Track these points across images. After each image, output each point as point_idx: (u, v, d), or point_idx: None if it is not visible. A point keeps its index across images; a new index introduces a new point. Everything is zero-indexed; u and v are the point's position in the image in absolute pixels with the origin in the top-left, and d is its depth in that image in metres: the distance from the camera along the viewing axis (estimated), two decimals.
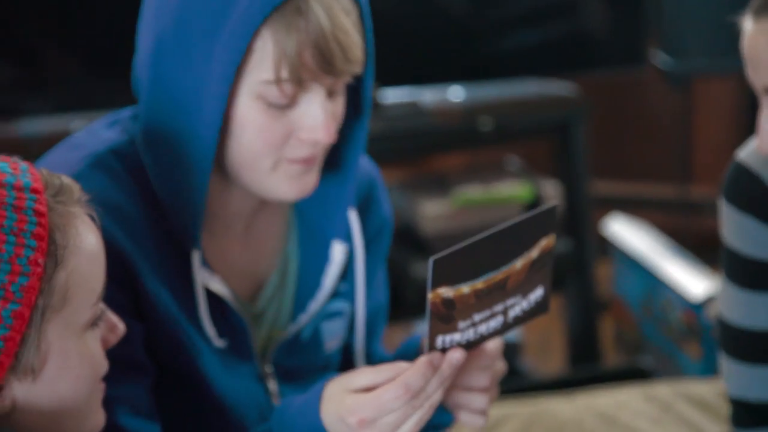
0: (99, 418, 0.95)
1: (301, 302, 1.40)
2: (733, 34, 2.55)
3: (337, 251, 1.38)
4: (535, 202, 2.62)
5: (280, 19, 1.16)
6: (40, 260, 0.83)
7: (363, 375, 1.20)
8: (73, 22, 2.68)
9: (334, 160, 1.34)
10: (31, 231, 0.84)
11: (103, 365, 0.93)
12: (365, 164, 1.44)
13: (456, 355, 1.11)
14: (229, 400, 1.36)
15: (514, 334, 2.80)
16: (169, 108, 1.24)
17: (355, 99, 1.31)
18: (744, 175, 1.50)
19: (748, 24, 1.35)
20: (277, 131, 1.21)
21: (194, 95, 1.21)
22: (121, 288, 1.24)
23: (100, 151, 1.24)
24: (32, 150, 2.23)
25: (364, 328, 1.47)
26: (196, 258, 1.27)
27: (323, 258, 1.40)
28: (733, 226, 1.54)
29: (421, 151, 2.82)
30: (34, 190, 0.86)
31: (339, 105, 1.25)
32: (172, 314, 1.29)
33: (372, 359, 1.53)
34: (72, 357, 0.88)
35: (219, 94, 1.18)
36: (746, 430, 1.54)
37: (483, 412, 1.25)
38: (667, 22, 2.84)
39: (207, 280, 1.28)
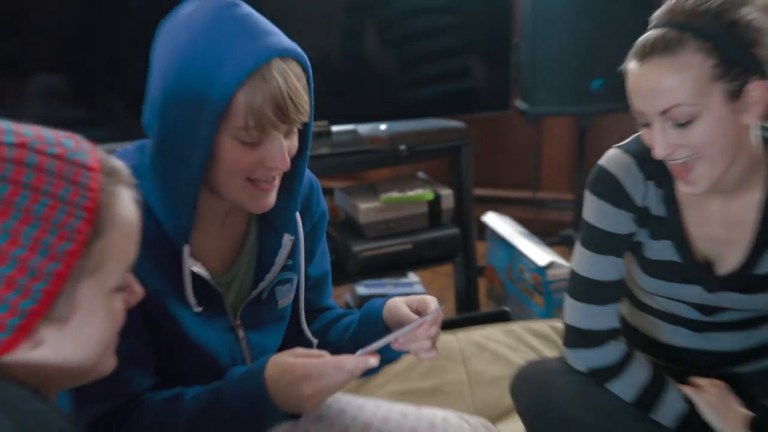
0: (110, 363, 0.95)
1: (260, 274, 1.50)
2: (567, 91, 2.81)
3: (287, 240, 1.49)
4: (435, 201, 2.73)
5: (249, 83, 1.25)
6: (85, 230, 0.83)
7: (302, 349, 1.35)
8: (115, 78, 2.60)
9: (286, 177, 1.43)
10: (81, 204, 0.83)
11: (118, 323, 0.93)
12: (308, 175, 1.55)
13: (372, 362, 1.26)
14: (208, 347, 1.46)
15: (420, 289, 3.02)
16: (173, 145, 1.31)
17: (301, 136, 1.40)
18: (603, 174, 1.65)
19: (633, 66, 1.49)
20: (246, 161, 1.30)
21: (190, 136, 1.29)
22: None
23: None
24: None
25: (304, 289, 1.59)
26: (186, 250, 1.36)
27: (277, 245, 1.50)
28: (592, 209, 1.68)
29: (359, 166, 2.81)
30: (90, 168, 0.85)
31: (293, 142, 1.36)
32: (160, 293, 1.38)
33: (327, 310, 1.70)
34: (97, 313, 0.87)
35: (207, 136, 1.27)
36: (572, 349, 1.73)
37: (433, 350, 1.38)
38: (524, 82, 2.91)
39: (191, 265, 1.38)
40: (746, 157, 1.53)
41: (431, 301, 1.38)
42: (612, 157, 1.66)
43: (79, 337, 0.86)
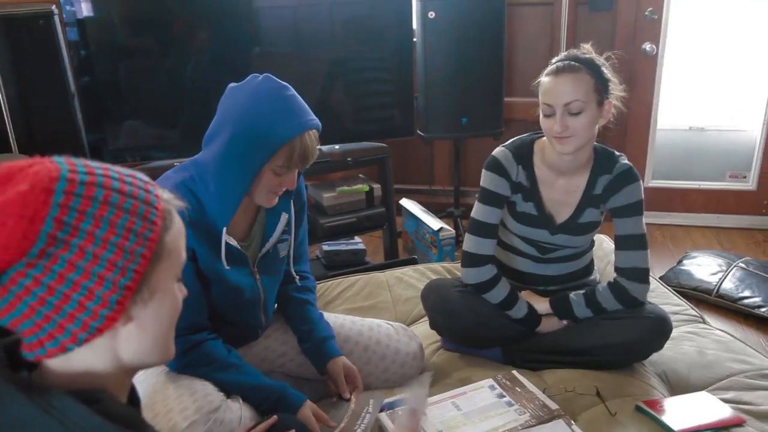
0: (173, 349, 0.85)
1: (267, 238, 1.55)
2: (447, 124, 2.88)
3: (283, 217, 1.55)
4: (370, 191, 2.96)
5: (291, 142, 1.34)
6: (159, 223, 0.78)
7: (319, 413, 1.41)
8: (176, 117, 2.76)
9: None
10: (153, 204, 0.78)
11: (178, 311, 0.83)
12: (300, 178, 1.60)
13: None
14: (237, 286, 1.50)
15: (362, 246, 3.06)
16: (232, 165, 1.36)
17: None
18: (493, 159, 1.79)
19: (548, 79, 1.63)
20: (274, 183, 1.40)
21: (246, 164, 1.35)
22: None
23: (177, 183, 1.40)
24: (157, 173, 1.92)
25: (294, 247, 1.64)
26: (224, 232, 1.43)
27: (277, 219, 1.55)
28: (485, 178, 1.79)
29: (323, 170, 2.91)
30: (152, 184, 0.80)
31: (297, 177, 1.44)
32: (206, 256, 1.43)
33: (301, 276, 1.69)
34: (169, 296, 0.80)
35: (257, 166, 1.35)
36: (465, 268, 1.83)
37: None
38: (422, 119, 3.12)
39: (227, 238, 1.44)
40: (588, 149, 1.74)
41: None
42: (498, 150, 1.81)
43: (156, 317, 0.79)
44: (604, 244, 2.42)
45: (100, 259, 0.73)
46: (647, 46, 3.40)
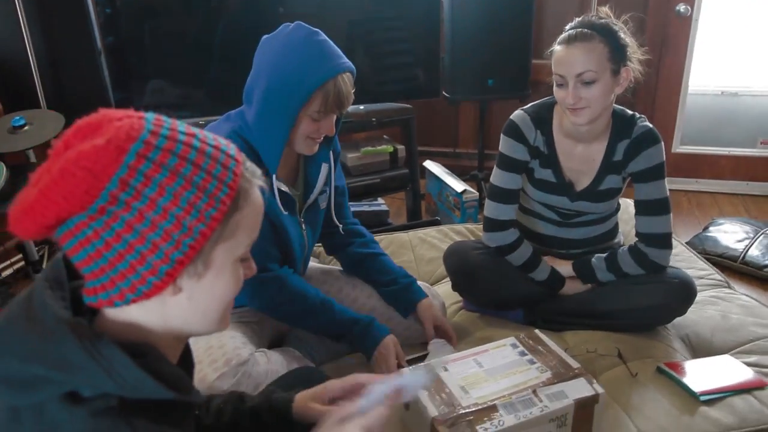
0: (226, 322, 0.83)
1: (310, 189, 1.57)
2: (473, 86, 2.91)
3: (324, 168, 1.58)
4: (394, 152, 2.96)
5: (326, 86, 1.34)
6: (227, 202, 0.75)
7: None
8: (202, 76, 2.72)
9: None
10: (227, 182, 0.75)
11: (238, 289, 0.81)
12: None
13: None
14: (291, 235, 1.54)
15: (385, 207, 3.05)
16: (270, 117, 1.37)
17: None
18: (511, 123, 1.73)
19: (560, 48, 1.58)
20: (312, 129, 1.40)
21: (285, 110, 1.36)
22: None
23: (231, 131, 1.42)
24: None
25: (334, 194, 1.65)
26: (274, 177, 1.45)
27: (317, 171, 1.58)
28: (503, 144, 1.76)
29: (348, 131, 2.87)
30: (236, 160, 0.77)
31: (334, 123, 1.44)
32: (269, 202, 1.43)
33: (350, 226, 1.72)
34: (226, 274, 0.78)
35: (294, 112, 1.36)
36: (487, 232, 1.81)
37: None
38: (447, 80, 3.09)
39: (278, 184, 1.46)
40: (606, 116, 1.69)
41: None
42: (516, 114, 1.78)
43: (209, 292, 0.77)
44: (630, 208, 2.31)
45: (157, 227, 0.72)
46: (681, 7, 3.34)
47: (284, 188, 1.44)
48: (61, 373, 0.70)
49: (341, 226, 1.66)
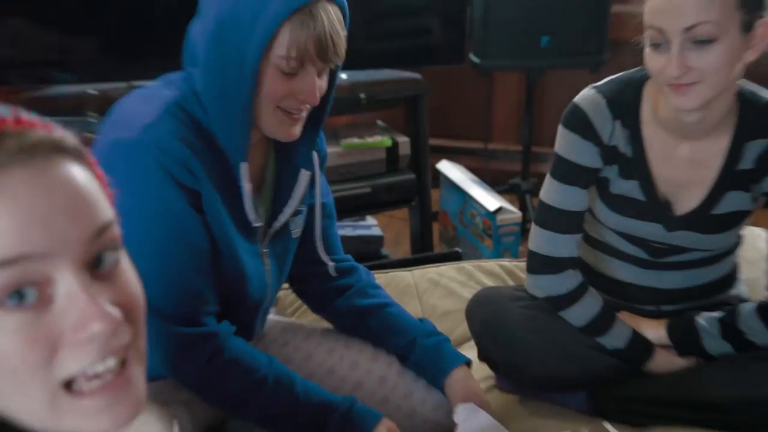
0: (61, 413, 0.63)
1: (277, 207, 1.47)
2: (517, 46, 2.77)
3: (303, 175, 1.46)
4: (393, 147, 2.66)
5: (297, 18, 1.24)
6: None
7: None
8: (95, 17, 2.49)
9: (309, 116, 1.39)
10: None
11: (18, 347, 0.60)
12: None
13: None
14: (246, 271, 1.42)
15: (378, 231, 2.89)
16: (223, 70, 1.29)
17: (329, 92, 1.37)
18: (575, 109, 1.63)
19: None
20: (281, 90, 1.28)
21: (239, 62, 1.27)
22: (195, 209, 1.32)
23: (169, 102, 1.31)
24: (60, 105, 2.40)
25: (321, 217, 1.54)
26: (244, 168, 1.33)
27: (293, 180, 1.47)
28: (562, 141, 1.65)
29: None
30: None
31: (324, 83, 1.33)
32: (219, 212, 1.35)
33: (332, 241, 1.64)
34: None
35: (254, 59, 1.26)
36: (534, 275, 1.71)
37: None
38: (477, 36, 2.86)
39: (244, 183, 1.36)
40: (728, 98, 1.53)
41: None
42: (585, 95, 1.64)
43: None
44: (758, 242, 2.11)
45: None
46: None
47: (248, 188, 1.36)
48: None
49: (331, 264, 1.58)
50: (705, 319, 1.63)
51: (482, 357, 1.77)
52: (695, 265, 1.70)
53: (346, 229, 2.81)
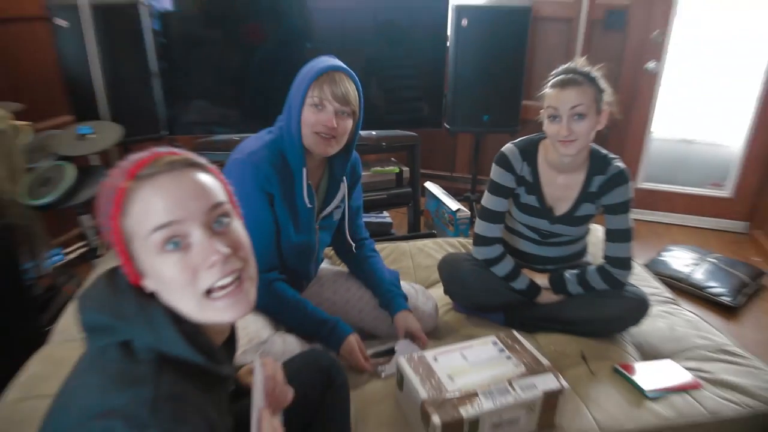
0: (207, 311, 0.76)
1: (327, 201, 1.55)
2: (470, 120, 2.77)
3: (343, 186, 1.56)
4: (399, 173, 2.92)
5: (321, 78, 1.36)
6: (114, 212, 0.74)
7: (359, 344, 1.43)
8: (238, 96, 2.73)
9: (346, 148, 1.46)
10: (112, 196, 0.74)
11: (182, 276, 0.73)
12: (356, 155, 1.61)
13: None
14: (305, 236, 1.50)
15: (389, 220, 3.07)
16: (287, 112, 1.41)
17: (355, 131, 1.45)
18: (501, 154, 1.73)
19: (553, 91, 1.57)
20: (312, 119, 1.38)
21: (293, 108, 1.38)
22: (267, 204, 1.37)
23: (267, 140, 1.42)
24: (216, 146, 2.61)
25: (351, 217, 1.63)
26: (304, 171, 1.41)
27: (337, 186, 1.54)
28: (494, 171, 1.75)
29: (362, 152, 2.20)
30: (127, 170, 0.74)
31: (345, 124, 1.39)
32: (284, 203, 1.41)
33: (358, 236, 1.69)
34: (156, 264, 0.74)
35: (297, 107, 1.38)
36: (476, 247, 1.81)
37: None
38: (448, 113, 3.06)
39: (307, 179, 1.44)
40: (586, 151, 1.68)
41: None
42: (507, 146, 1.76)
43: (160, 281, 0.75)
44: (597, 232, 2.32)
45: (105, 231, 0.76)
46: (651, 64, 3.34)
47: (309, 184, 1.43)
48: (119, 322, 0.73)
49: (354, 245, 1.67)
50: (569, 273, 1.77)
51: (446, 292, 1.89)
52: (565, 243, 1.82)
53: (371, 217, 3.07)
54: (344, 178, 1.54)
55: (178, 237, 0.74)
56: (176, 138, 2.69)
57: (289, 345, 1.41)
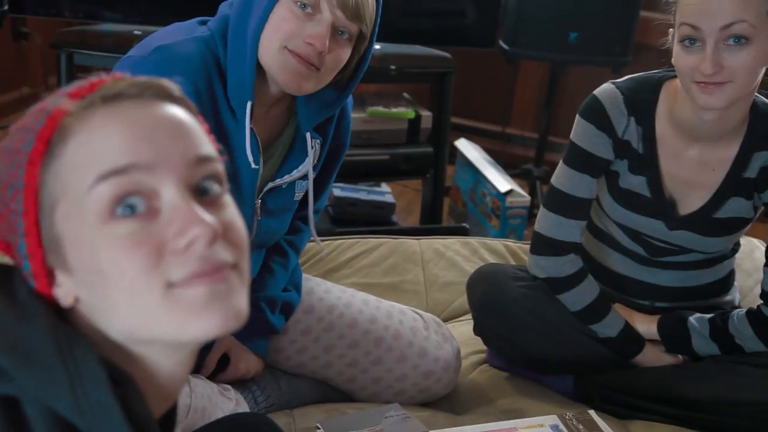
0: (180, 317, 0.62)
1: (285, 167, 1.41)
2: (546, 38, 2.72)
3: (316, 143, 1.41)
4: (416, 120, 2.58)
5: None
6: (30, 167, 0.62)
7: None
8: None
9: (332, 92, 1.33)
10: (27, 149, 0.62)
11: (136, 253, 0.61)
12: (347, 102, 1.48)
13: None
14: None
15: (391, 198, 2.79)
16: (245, 12, 1.24)
17: (360, 64, 1.31)
18: (593, 101, 1.59)
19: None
20: (289, 26, 1.21)
21: (257, 6, 1.22)
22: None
23: (197, 37, 1.28)
24: (105, 42, 2.38)
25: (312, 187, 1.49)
26: (248, 106, 1.27)
27: (305, 148, 1.41)
28: (578, 129, 1.62)
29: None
30: (66, 94, 0.63)
31: (342, 54, 1.25)
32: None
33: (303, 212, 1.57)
34: (87, 243, 0.62)
35: (269, 4, 1.21)
36: (537, 255, 1.67)
37: None
38: (509, 25, 2.81)
39: (251, 123, 1.29)
40: (745, 104, 1.48)
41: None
42: (604, 89, 1.59)
43: (91, 273, 0.61)
44: (755, 253, 2.01)
45: None
46: None
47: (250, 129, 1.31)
48: (14, 366, 0.61)
49: (318, 240, 1.57)
50: (696, 319, 1.59)
51: (477, 331, 1.72)
52: (691, 266, 1.64)
53: (361, 192, 2.74)
54: (317, 136, 1.43)
55: (139, 193, 0.61)
56: (24, 19, 2.62)
57: (199, 398, 1.27)
